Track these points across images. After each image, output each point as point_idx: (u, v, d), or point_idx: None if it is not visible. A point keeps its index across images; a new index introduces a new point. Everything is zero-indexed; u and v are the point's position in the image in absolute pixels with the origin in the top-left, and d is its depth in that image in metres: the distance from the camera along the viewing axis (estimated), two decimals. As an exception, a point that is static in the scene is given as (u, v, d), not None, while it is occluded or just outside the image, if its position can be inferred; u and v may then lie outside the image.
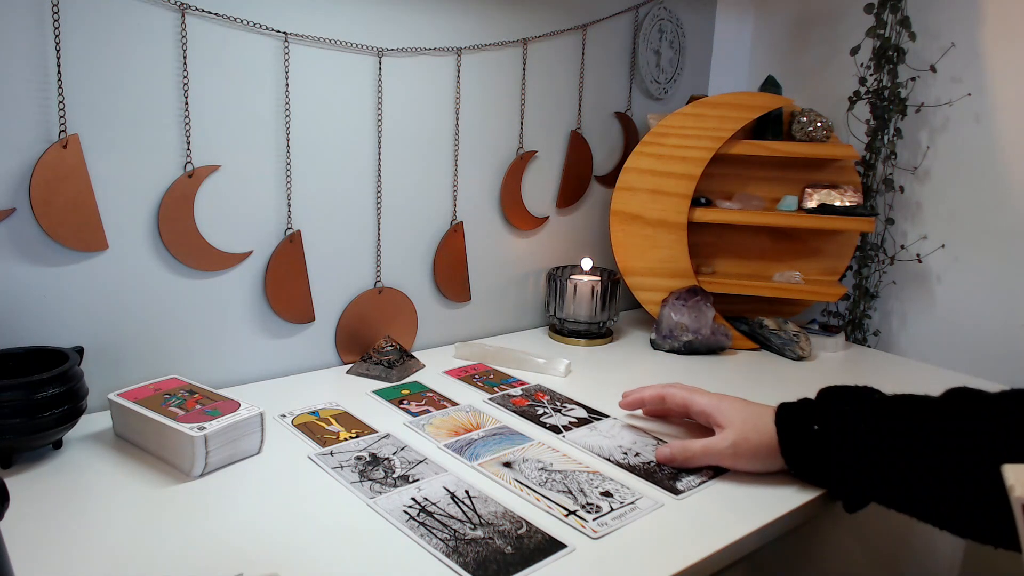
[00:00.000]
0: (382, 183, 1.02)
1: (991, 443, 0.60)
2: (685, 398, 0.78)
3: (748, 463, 0.73)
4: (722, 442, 0.73)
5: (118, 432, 0.77)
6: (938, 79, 1.17)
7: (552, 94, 1.19)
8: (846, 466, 0.67)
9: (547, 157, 1.21)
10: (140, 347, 0.86)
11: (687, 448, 0.74)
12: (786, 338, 1.13)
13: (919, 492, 0.64)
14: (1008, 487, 0.44)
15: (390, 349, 1.01)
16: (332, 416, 0.85)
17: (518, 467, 0.74)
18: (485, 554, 0.59)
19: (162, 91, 0.82)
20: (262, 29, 0.88)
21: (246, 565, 0.57)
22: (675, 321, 1.12)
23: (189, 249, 0.87)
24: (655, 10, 1.28)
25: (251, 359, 0.95)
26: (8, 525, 0.54)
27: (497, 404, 0.91)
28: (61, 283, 0.80)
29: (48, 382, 0.68)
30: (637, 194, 1.16)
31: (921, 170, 1.21)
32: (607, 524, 0.64)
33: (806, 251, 1.24)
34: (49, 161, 0.76)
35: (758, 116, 1.15)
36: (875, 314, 1.28)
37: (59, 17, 0.74)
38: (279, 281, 0.94)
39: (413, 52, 1.01)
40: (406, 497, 0.67)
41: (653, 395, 0.81)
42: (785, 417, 0.72)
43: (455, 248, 1.11)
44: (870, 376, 1.07)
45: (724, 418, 0.74)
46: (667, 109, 1.35)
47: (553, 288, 1.18)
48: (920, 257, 1.22)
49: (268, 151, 0.91)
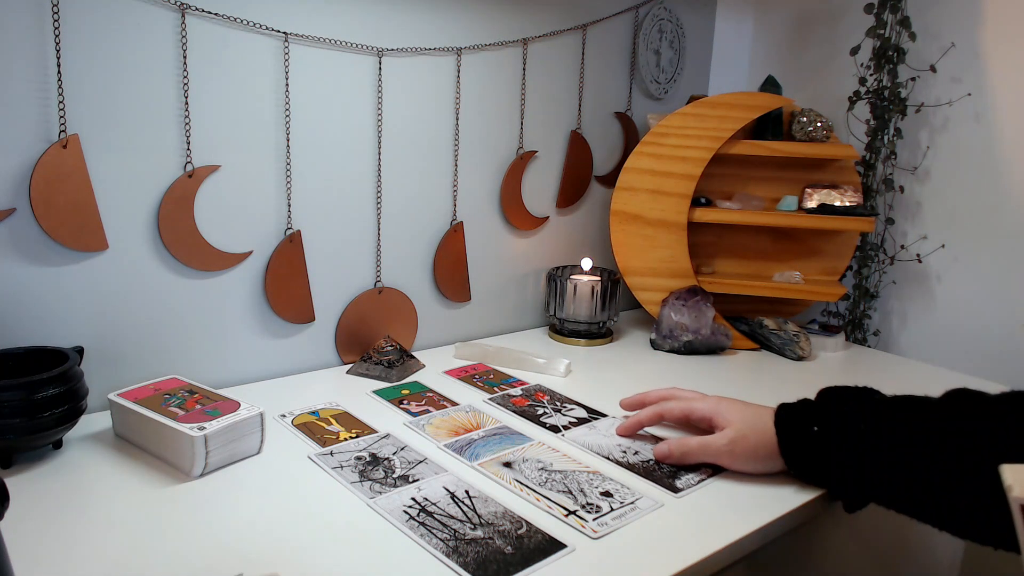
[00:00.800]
0: (382, 183, 1.02)
1: (991, 444, 0.60)
2: (683, 409, 0.78)
3: (745, 462, 0.73)
4: (720, 440, 0.73)
5: (118, 432, 0.77)
6: (938, 79, 1.17)
7: (552, 94, 1.19)
8: (846, 467, 0.67)
9: (547, 157, 1.21)
10: (140, 347, 0.86)
11: (684, 444, 0.75)
12: (786, 338, 1.13)
13: (919, 493, 0.64)
14: (1006, 487, 0.44)
15: (390, 349, 1.01)
16: (332, 416, 0.85)
17: (518, 467, 0.74)
18: (485, 554, 0.59)
19: (162, 91, 0.82)
20: (262, 29, 0.88)
21: (246, 565, 0.57)
22: (675, 321, 1.12)
23: (189, 249, 0.87)
24: (655, 10, 1.28)
25: (251, 359, 0.95)
26: (8, 525, 0.54)
27: (497, 404, 0.91)
28: (61, 283, 0.80)
29: (48, 382, 0.68)
30: (637, 194, 1.16)
31: (921, 170, 1.21)
32: (607, 524, 0.64)
33: (806, 251, 1.24)
34: (49, 161, 0.76)
35: (758, 116, 1.15)
36: (875, 314, 1.28)
37: (59, 17, 0.75)
38: (279, 281, 0.94)
39: (413, 52, 1.01)
40: (406, 497, 0.67)
41: (650, 416, 0.80)
42: (785, 418, 0.72)
43: (455, 248, 1.11)
44: (870, 376, 1.07)
45: (724, 419, 0.74)
46: (667, 109, 1.35)
47: (553, 288, 1.18)
48: (920, 257, 1.22)
49: (268, 151, 0.91)
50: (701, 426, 0.78)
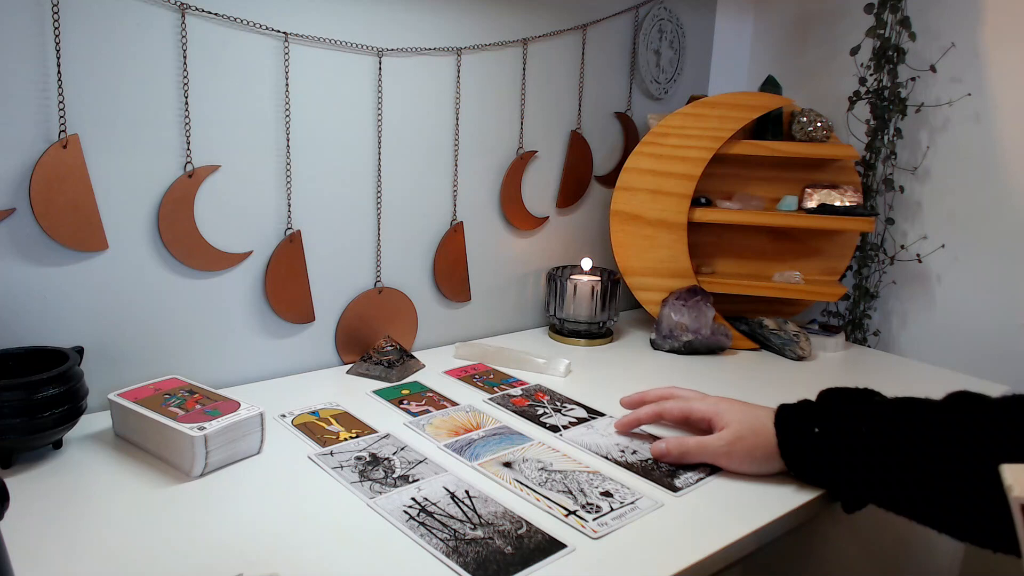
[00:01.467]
0: (382, 183, 1.02)
1: (991, 448, 0.60)
2: (683, 409, 0.78)
3: (743, 463, 0.73)
4: (718, 440, 0.73)
5: (118, 432, 0.77)
6: (938, 79, 1.17)
7: (552, 94, 1.19)
8: (846, 468, 0.67)
9: (547, 157, 1.21)
10: (140, 347, 0.86)
11: (683, 444, 0.75)
12: (786, 338, 1.13)
13: (919, 495, 0.63)
14: (1006, 487, 0.44)
15: (390, 349, 1.01)
16: (332, 416, 0.85)
17: (518, 467, 0.74)
18: (485, 554, 0.59)
19: (162, 91, 0.82)
20: (262, 29, 0.88)
21: (246, 565, 0.57)
22: (675, 321, 1.12)
23: (189, 249, 0.87)
24: (655, 10, 1.28)
25: (251, 359, 0.95)
26: (8, 525, 0.54)
27: (497, 404, 0.91)
28: (61, 283, 0.80)
29: (48, 382, 0.68)
30: (637, 194, 1.16)
31: (921, 170, 1.21)
32: (607, 524, 0.64)
33: (806, 251, 1.23)
34: (49, 161, 0.76)
35: (758, 116, 1.15)
36: (875, 314, 1.28)
37: (59, 17, 0.74)
38: (279, 281, 0.94)
39: (413, 52, 1.01)
40: (406, 497, 0.67)
41: (649, 414, 0.80)
42: (785, 419, 0.72)
43: (455, 248, 1.11)
44: (870, 376, 1.07)
45: (723, 420, 0.74)
46: (667, 109, 1.35)
47: (553, 288, 1.18)
48: (920, 257, 1.22)
49: (268, 151, 0.91)
50: (700, 427, 0.78)
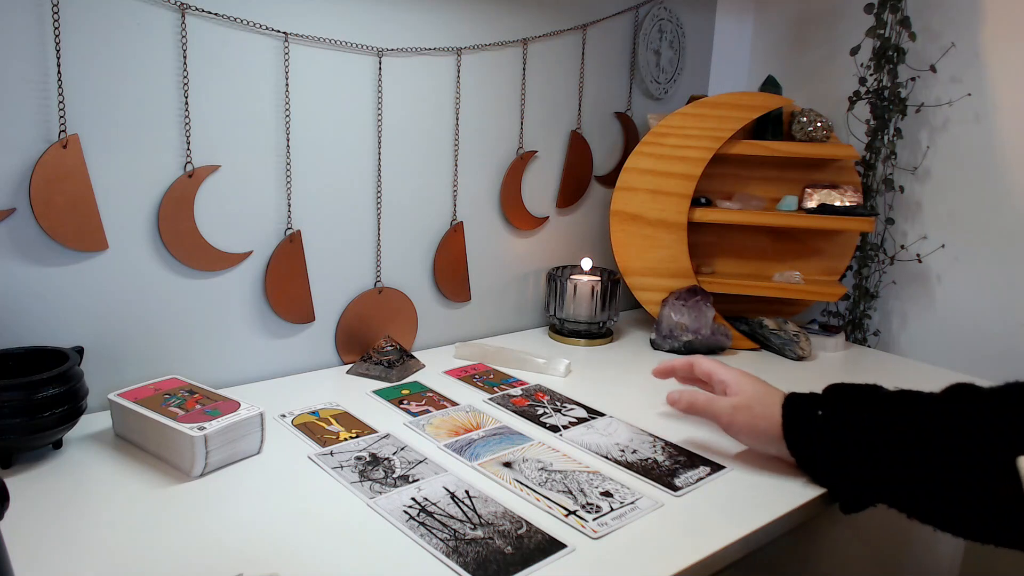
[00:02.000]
0: (382, 183, 1.02)
1: (993, 437, 0.60)
2: (711, 368, 0.82)
3: (741, 431, 0.76)
4: (724, 402, 0.77)
5: (118, 432, 0.77)
6: (938, 79, 1.17)
7: (552, 94, 1.19)
8: (850, 456, 0.68)
9: (547, 157, 1.21)
10: (140, 347, 0.86)
11: (694, 396, 0.79)
12: (786, 338, 1.13)
13: (920, 488, 0.64)
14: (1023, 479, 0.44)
15: (390, 349, 1.01)
16: (332, 416, 0.85)
17: (518, 467, 0.74)
18: (485, 554, 0.59)
19: (162, 91, 0.82)
20: (262, 29, 0.88)
21: (246, 565, 0.57)
22: (675, 321, 1.12)
23: (189, 249, 0.87)
24: (655, 10, 1.28)
25: (251, 359, 0.95)
26: (8, 525, 0.54)
27: (497, 404, 0.91)
28: (61, 283, 0.80)
29: (48, 382, 0.68)
30: (637, 194, 1.16)
31: (921, 170, 1.21)
32: (607, 524, 0.64)
33: (806, 251, 1.24)
34: (49, 161, 0.76)
35: (758, 116, 1.15)
36: (875, 314, 1.28)
37: (59, 17, 0.75)
38: (279, 281, 0.94)
39: (413, 52, 1.01)
40: (406, 497, 0.67)
41: (684, 363, 0.85)
42: (793, 402, 0.74)
43: (455, 248, 1.11)
44: (870, 376, 1.07)
45: (736, 387, 0.77)
46: (667, 109, 1.35)
47: (553, 288, 1.18)
48: (920, 257, 1.22)
49: (268, 151, 0.91)
50: (717, 390, 0.81)
